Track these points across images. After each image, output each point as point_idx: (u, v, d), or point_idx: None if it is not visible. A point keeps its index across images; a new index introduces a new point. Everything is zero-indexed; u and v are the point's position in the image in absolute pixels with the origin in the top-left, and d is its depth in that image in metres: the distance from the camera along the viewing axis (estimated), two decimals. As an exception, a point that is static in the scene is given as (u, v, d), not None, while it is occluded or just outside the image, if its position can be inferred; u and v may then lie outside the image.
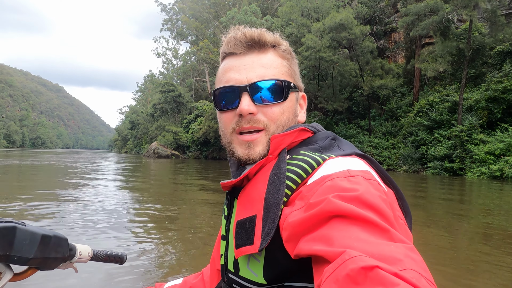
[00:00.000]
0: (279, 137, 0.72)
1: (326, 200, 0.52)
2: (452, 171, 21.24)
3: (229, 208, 0.80)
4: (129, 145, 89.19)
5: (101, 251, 0.90)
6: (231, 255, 0.73)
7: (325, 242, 0.47)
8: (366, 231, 0.47)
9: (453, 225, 6.55)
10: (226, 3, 60.19)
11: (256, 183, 0.71)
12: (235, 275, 0.70)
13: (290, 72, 0.79)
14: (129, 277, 3.51)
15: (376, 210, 0.50)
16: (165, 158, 46.18)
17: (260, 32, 0.77)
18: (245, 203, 0.70)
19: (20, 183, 12.05)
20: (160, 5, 76.08)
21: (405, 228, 0.57)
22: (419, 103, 26.83)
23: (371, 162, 0.68)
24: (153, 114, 61.83)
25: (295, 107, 0.80)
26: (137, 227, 5.74)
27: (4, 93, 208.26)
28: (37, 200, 7.81)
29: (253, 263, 0.65)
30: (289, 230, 0.56)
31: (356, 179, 0.57)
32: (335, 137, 0.75)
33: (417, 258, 0.43)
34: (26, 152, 63.15)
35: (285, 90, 0.75)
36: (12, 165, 21.99)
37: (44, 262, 0.70)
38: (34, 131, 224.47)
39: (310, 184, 0.61)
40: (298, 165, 0.65)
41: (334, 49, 28.37)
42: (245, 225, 0.65)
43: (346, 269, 0.40)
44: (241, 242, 0.65)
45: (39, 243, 0.67)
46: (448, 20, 22.42)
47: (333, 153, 0.68)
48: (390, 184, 0.67)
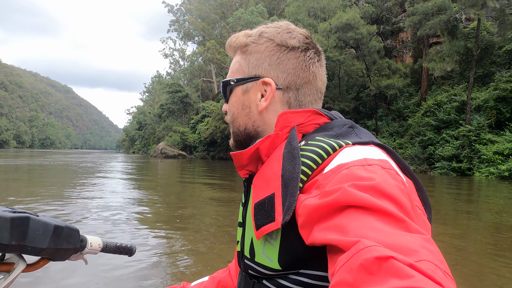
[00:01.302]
0: (288, 113, 0.73)
1: (341, 189, 0.51)
2: (460, 171, 21.08)
3: (246, 195, 0.80)
4: (137, 145, 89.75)
5: (111, 243, 0.91)
6: (247, 241, 0.74)
7: (340, 232, 0.47)
8: (381, 221, 0.46)
9: (461, 224, 6.48)
10: (232, 3, 60.31)
11: (270, 163, 0.70)
12: (251, 261, 0.71)
13: (240, 67, 0.81)
14: (138, 274, 3.60)
15: (393, 199, 0.49)
16: (172, 158, 46.43)
17: (236, 37, 0.83)
18: (261, 184, 0.69)
19: (31, 182, 12.25)
20: (167, 6, 76.55)
21: (423, 218, 0.56)
22: (426, 103, 26.67)
23: (389, 152, 0.67)
24: (160, 114, 62.16)
25: (241, 100, 0.81)
26: (146, 226, 5.84)
27: (14, 94, 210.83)
28: (47, 198, 7.96)
29: (269, 248, 0.65)
30: (303, 217, 0.55)
31: (373, 168, 0.56)
32: (353, 125, 0.73)
33: (433, 249, 0.42)
34: (36, 153, 63.91)
35: (224, 89, 0.83)
36: (23, 165, 22.32)
37: (56, 253, 0.71)
38: (43, 132, 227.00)
39: (326, 173, 0.59)
40: (313, 151, 0.64)
41: (341, 49, 28.33)
42: (264, 205, 0.65)
43: (360, 258, 0.39)
44: (261, 222, 0.64)
45: (52, 233, 0.68)
46: (456, 19, 22.27)
47: (350, 140, 0.66)
48: (409, 174, 0.65)
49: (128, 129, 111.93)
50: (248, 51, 0.80)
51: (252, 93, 0.79)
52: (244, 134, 0.80)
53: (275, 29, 0.80)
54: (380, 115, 32.05)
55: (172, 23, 76.07)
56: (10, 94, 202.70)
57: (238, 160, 0.75)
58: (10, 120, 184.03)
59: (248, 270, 0.72)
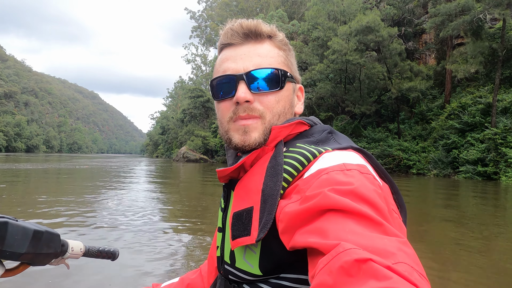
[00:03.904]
0: (277, 128, 0.73)
1: (321, 193, 0.52)
2: (485, 176, 20.46)
3: (225, 201, 0.81)
4: (160, 149, 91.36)
5: (93, 247, 0.91)
6: (227, 247, 0.74)
7: (320, 235, 0.48)
8: (360, 224, 0.47)
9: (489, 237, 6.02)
10: (253, 9, 60.86)
11: (253, 175, 0.71)
12: (231, 267, 0.71)
13: (286, 62, 0.80)
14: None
15: (371, 203, 0.51)
16: (193, 162, 47.05)
17: (256, 23, 0.78)
18: (242, 195, 0.70)
19: (60, 183, 12.78)
20: (190, 12, 77.98)
21: (399, 222, 0.58)
22: (450, 105, 26.04)
23: (367, 156, 0.69)
24: (182, 119, 63.24)
25: (291, 97, 0.80)
26: (169, 226, 6.02)
27: (44, 101, 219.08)
28: (74, 201, 8.31)
29: (249, 255, 0.66)
30: (285, 222, 0.56)
31: (352, 173, 0.58)
32: (332, 131, 0.75)
33: (409, 251, 0.43)
34: (64, 157, 66.05)
35: (281, 79, 0.75)
36: (52, 168, 23.21)
37: (36, 258, 0.70)
38: (71, 137, 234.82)
39: (306, 178, 0.61)
40: (294, 158, 0.66)
41: (361, 52, 28.07)
42: (242, 217, 0.66)
43: (340, 261, 0.40)
44: (237, 233, 0.65)
45: (31, 238, 0.67)
46: (480, 20, 21.73)
47: (330, 146, 0.68)
48: (386, 178, 0.68)
49: (151, 133, 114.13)
50: (287, 50, 0.81)
51: (295, 94, 0.83)
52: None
53: (281, 32, 0.83)
54: (403, 118, 31.49)
55: (194, 29, 77.46)
56: (40, 100, 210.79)
57: (222, 174, 0.76)
58: (40, 125, 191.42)
59: (228, 276, 0.73)
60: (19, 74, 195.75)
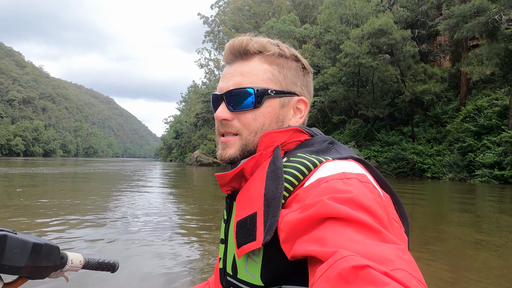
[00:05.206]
0: (272, 133, 0.74)
1: (320, 202, 0.53)
2: (502, 179, 20.03)
3: (228, 212, 0.81)
4: (174, 153, 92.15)
5: (93, 259, 0.89)
6: (229, 258, 0.74)
7: (319, 243, 0.48)
8: (359, 232, 0.47)
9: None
10: (265, 13, 61.05)
11: (253, 182, 0.71)
12: (233, 278, 0.71)
13: (276, 77, 0.79)
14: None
15: (370, 212, 0.51)
16: (206, 166, 47.34)
17: (245, 40, 0.78)
18: (244, 202, 0.70)
19: (75, 187, 13.06)
20: (203, 17, 78.66)
21: (400, 231, 0.58)
22: (466, 108, 25.63)
23: (368, 167, 0.69)
24: (195, 123, 63.74)
25: (275, 113, 0.79)
26: (181, 231, 6.12)
27: (60, 106, 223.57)
28: (88, 205, 8.50)
29: (251, 265, 0.65)
30: (285, 232, 0.57)
31: (351, 182, 0.58)
32: (333, 141, 0.75)
33: (408, 259, 0.43)
34: (80, 161, 67.22)
35: (256, 97, 0.76)
36: (69, 172, 23.69)
37: (35, 271, 0.69)
38: (87, 141, 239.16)
39: (306, 187, 0.61)
40: (295, 167, 0.66)
41: (374, 55, 27.91)
42: (246, 223, 0.66)
43: (338, 268, 0.40)
44: (242, 240, 0.65)
45: (30, 251, 0.66)
46: (496, 21, 21.38)
47: (330, 156, 0.68)
48: (387, 188, 0.68)
49: (165, 137, 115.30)
50: (280, 64, 0.80)
51: (287, 109, 0.80)
52: None
53: (291, 49, 0.82)
54: (417, 121, 31.10)
55: (207, 34, 78.03)
56: (57, 105, 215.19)
57: (222, 180, 0.76)
58: (57, 130, 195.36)
59: (231, 287, 0.73)
60: (37, 80, 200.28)
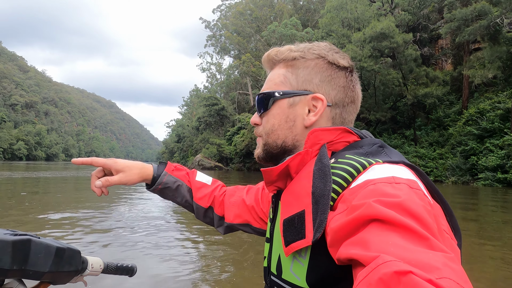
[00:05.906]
0: (319, 131, 0.74)
1: (366, 204, 0.51)
2: (505, 182, 20.01)
3: (274, 211, 0.81)
4: (176, 157, 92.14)
5: (112, 263, 0.88)
6: (274, 257, 0.73)
7: (362, 246, 0.47)
8: (404, 237, 0.45)
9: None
10: (267, 17, 61.26)
11: (299, 180, 0.70)
12: (277, 278, 0.71)
13: (285, 80, 0.81)
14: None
15: (418, 218, 0.48)
16: (208, 169, 47.38)
17: (272, 52, 0.84)
18: (291, 201, 0.69)
19: (78, 192, 13.09)
20: (205, 22, 78.98)
21: (450, 242, 0.54)
22: (468, 111, 25.62)
23: (419, 173, 0.66)
24: (197, 127, 63.79)
25: (286, 113, 0.80)
26: (186, 234, 6.14)
27: (63, 110, 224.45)
28: (90, 208, 8.52)
29: (297, 266, 0.64)
30: (331, 235, 0.56)
31: (401, 186, 0.56)
32: (383, 145, 0.72)
33: (457, 268, 0.41)
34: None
35: (265, 100, 0.81)
36: (71, 177, 23.75)
37: (57, 276, 0.68)
38: (89, 145, 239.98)
39: (353, 188, 0.60)
40: (343, 169, 0.64)
41: (376, 59, 27.96)
42: (294, 221, 0.64)
43: (379, 273, 0.39)
44: (291, 239, 0.63)
45: (54, 256, 0.66)
46: (497, 24, 21.41)
47: (380, 159, 0.66)
48: (439, 198, 0.64)
49: (167, 141, 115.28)
50: (295, 65, 0.81)
51: (299, 107, 0.79)
52: (280, 147, 0.80)
53: (324, 48, 0.82)
54: (419, 125, 31.10)
55: (209, 38, 78.25)
56: (59, 110, 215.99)
57: (268, 176, 0.76)
58: (60, 134, 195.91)
59: (274, 287, 0.72)
60: (40, 84, 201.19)
